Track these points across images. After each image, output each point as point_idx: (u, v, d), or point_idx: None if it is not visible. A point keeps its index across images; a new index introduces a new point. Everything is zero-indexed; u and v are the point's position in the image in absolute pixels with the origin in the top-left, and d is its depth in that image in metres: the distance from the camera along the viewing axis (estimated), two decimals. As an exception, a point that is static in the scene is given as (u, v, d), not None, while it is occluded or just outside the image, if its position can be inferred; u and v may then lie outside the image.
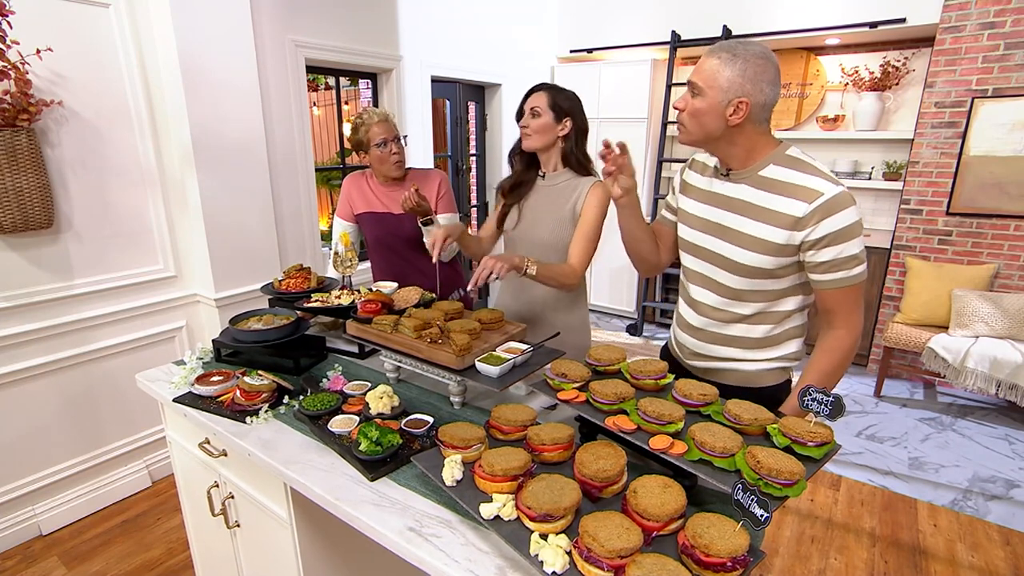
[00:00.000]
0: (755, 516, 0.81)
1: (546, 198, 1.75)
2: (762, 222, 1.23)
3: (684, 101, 1.25)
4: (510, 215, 1.83)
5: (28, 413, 2.23)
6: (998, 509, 2.54)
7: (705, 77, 1.19)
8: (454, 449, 1.07)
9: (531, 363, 1.35)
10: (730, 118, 1.19)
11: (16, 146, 1.96)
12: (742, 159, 1.26)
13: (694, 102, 1.22)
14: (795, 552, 2.27)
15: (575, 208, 1.69)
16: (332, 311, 1.68)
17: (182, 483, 1.73)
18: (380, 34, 3.39)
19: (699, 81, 1.20)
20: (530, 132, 1.69)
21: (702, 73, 1.20)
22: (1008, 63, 3.30)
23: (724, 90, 1.17)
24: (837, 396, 0.99)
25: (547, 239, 1.73)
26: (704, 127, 1.23)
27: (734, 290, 1.32)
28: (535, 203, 1.77)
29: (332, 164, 5.37)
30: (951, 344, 3.28)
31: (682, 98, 1.26)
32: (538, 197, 1.78)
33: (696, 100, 1.21)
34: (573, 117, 1.69)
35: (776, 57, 1.20)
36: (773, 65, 1.18)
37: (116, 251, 2.40)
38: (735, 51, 1.17)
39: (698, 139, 1.26)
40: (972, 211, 3.54)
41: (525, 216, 1.79)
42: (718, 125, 1.21)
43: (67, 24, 2.13)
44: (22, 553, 2.21)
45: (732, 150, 1.26)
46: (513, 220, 1.82)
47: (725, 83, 1.17)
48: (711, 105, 1.19)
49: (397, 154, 2.02)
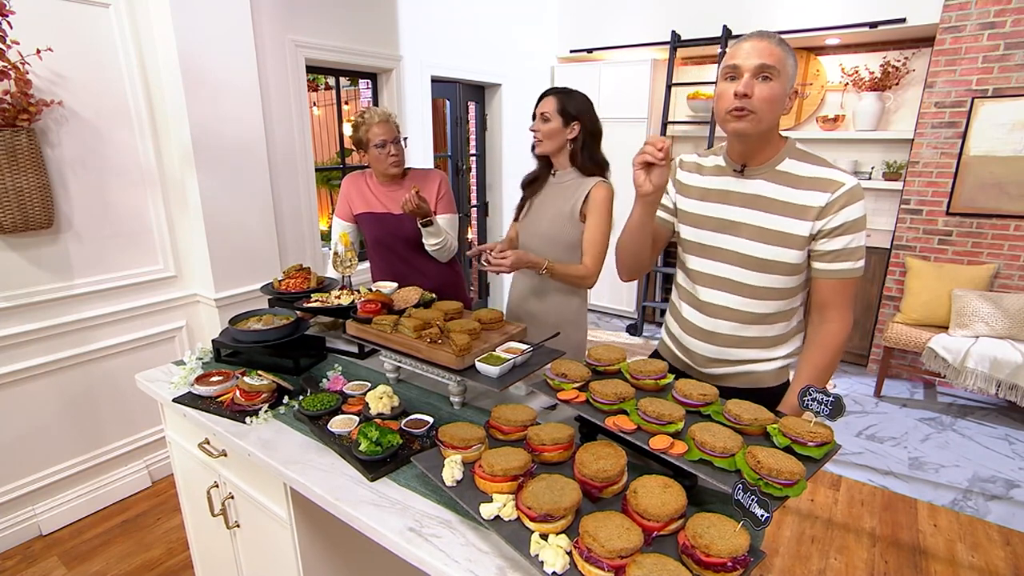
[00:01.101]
0: (755, 516, 0.81)
1: (552, 194, 1.86)
2: (785, 216, 1.23)
3: (749, 87, 1.14)
4: (525, 207, 1.95)
5: (28, 413, 2.23)
6: (998, 509, 2.54)
7: (778, 60, 1.13)
8: (454, 449, 1.07)
9: (531, 363, 1.35)
10: (786, 107, 1.18)
11: (16, 146, 1.96)
12: (763, 153, 1.26)
13: (768, 87, 1.13)
14: (795, 552, 2.27)
15: (575, 206, 1.78)
16: (332, 311, 1.68)
17: (182, 483, 1.73)
18: (380, 34, 3.39)
19: (775, 63, 1.12)
20: (540, 137, 1.79)
21: (774, 55, 1.13)
22: (1008, 63, 3.30)
23: (791, 77, 1.17)
24: (837, 396, 1.00)
25: (545, 231, 1.84)
26: (776, 113, 1.17)
27: (755, 288, 1.30)
28: (543, 198, 1.89)
29: (332, 164, 5.37)
30: (951, 344, 3.28)
31: (745, 84, 1.14)
32: (547, 193, 1.89)
33: (772, 84, 1.13)
34: (582, 121, 1.77)
35: None
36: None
37: (116, 251, 2.40)
38: (782, 41, 1.16)
39: (767, 127, 1.18)
40: (972, 211, 3.54)
41: (533, 209, 1.91)
42: (780, 114, 1.18)
43: (67, 24, 2.13)
44: (22, 553, 2.21)
45: (763, 143, 1.25)
46: (524, 212, 1.95)
47: (791, 71, 1.16)
48: (782, 91, 1.15)
49: (395, 156, 2.02)
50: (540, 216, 1.86)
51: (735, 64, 1.16)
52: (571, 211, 1.77)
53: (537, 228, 1.86)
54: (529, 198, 1.94)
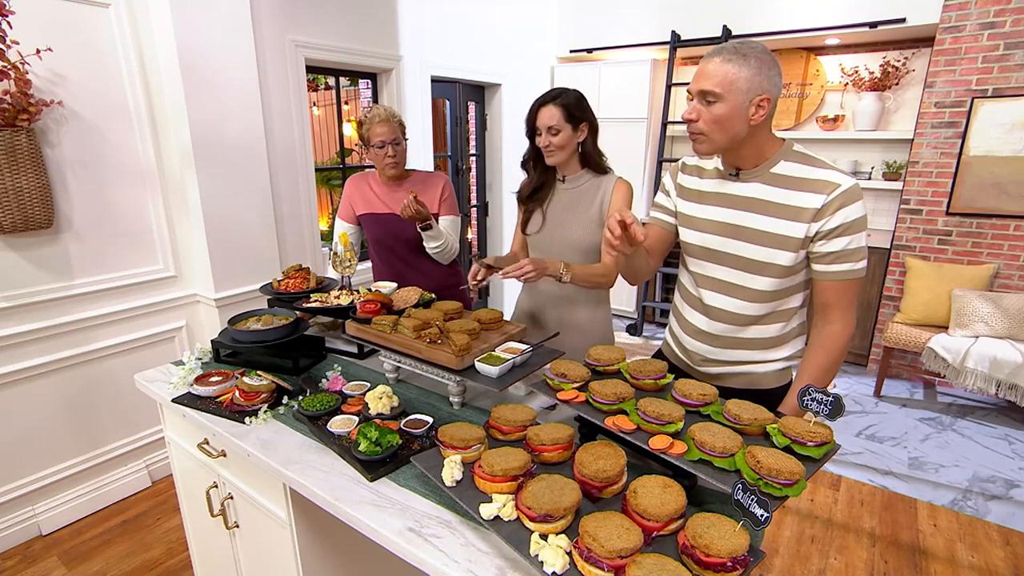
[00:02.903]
0: (755, 516, 0.81)
1: (571, 200, 1.77)
2: (781, 218, 1.23)
3: (696, 112, 1.20)
4: (533, 219, 1.84)
5: (28, 413, 2.23)
6: (998, 509, 2.53)
7: (719, 82, 1.15)
8: (454, 449, 1.07)
9: (530, 363, 1.35)
10: (753, 118, 1.17)
11: (16, 146, 1.96)
12: (753, 158, 1.26)
13: (712, 110, 1.17)
14: (795, 552, 2.27)
15: (602, 207, 1.71)
16: (331, 311, 1.68)
17: (181, 484, 1.73)
18: (380, 34, 3.39)
19: (715, 87, 1.15)
20: (553, 150, 1.69)
21: (714, 79, 1.15)
22: (1008, 63, 3.29)
23: (745, 91, 1.15)
24: (837, 396, 0.99)
25: (577, 241, 1.74)
26: (729, 132, 1.19)
27: (757, 292, 1.31)
28: (560, 206, 1.78)
29: (332, 164, 5.38)
30: (951, 344, 3.28)
31: (692, 109, 1.21)
32: (562, 200, 1.79)
33: (715, 107, 1.17)
34: (587, 119, 1.70)
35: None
36: (775, 59, 1.18)
37: (116, 251, 2.40)
38: (741, 51, 1.15)
39: (722, 146, 1.22)
40: (972, 211, 3.54)
41: (551, 219, 1.80)
42: (742, 128, 1.18)
43: (67, 24, 2.13)
44: (22, 553, 2.21)
45: (747, 151, 1.25)
46: (537, 224, 1.83)
47: (744, 84, 1.14)
48: (734, 108, 1.16)
49: (392, 157, 2.02)
50: (566, 225, 1.75)
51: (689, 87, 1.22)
52: (599, 213, 1.72)
53: (566, 237, 1.75)
54: (536, 209, 1.83)
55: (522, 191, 1.85)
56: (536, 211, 1.83)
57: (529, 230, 1.85)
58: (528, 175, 1.84)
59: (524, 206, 1.86)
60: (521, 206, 1.87)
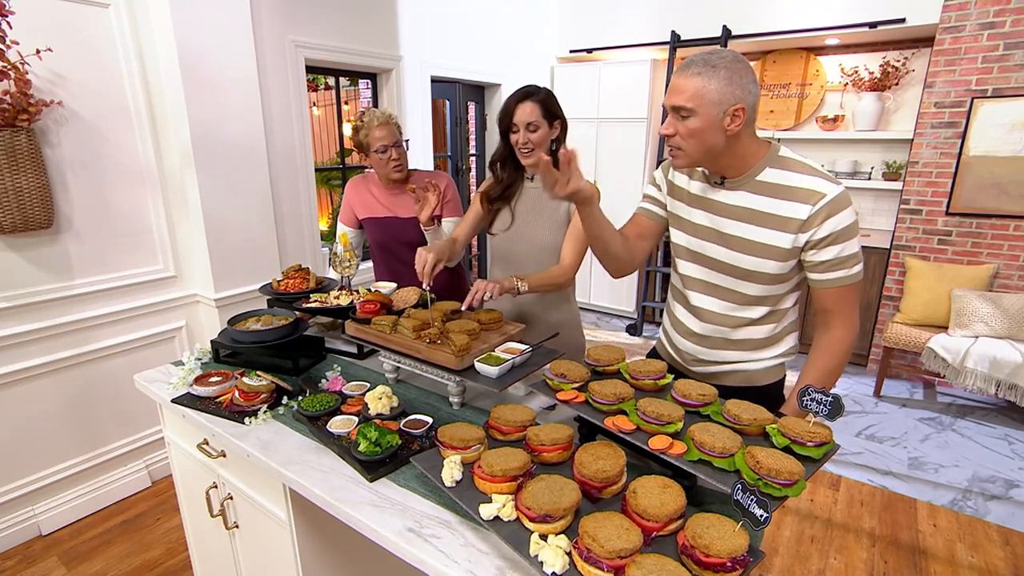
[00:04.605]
0: (755, 516, 0.81)
1: (539, 200, 1.77)
2: (767, 227, 1.23)
3: (672, 127, 1.20)
4: (501, 217, 1.83)
5: (28, 413, 2.23)
6: (998, 509, 2.54)
7: (690, 96, 1.14)
8: (453, 450, 1.07)
9: (530, 363, 1.35)
10: (729, 128, 1.16)
11: (16, 146, 1.96)
12: (738, 167, 1.25)
13: (687, 124, 1.17)
14: (795, 552, 2.27)
15: (569, 208, 1.73)
16: (331, 311, 1.68)
17: (181, 484, 1.73)
18: (380, 34, 3.39)
19: (686, 103, 1.15)
20: (531, 147, 1.66)
21: (685, 93, 1.15)
22: (1008, 63, 3.29)
23: (717, 103, 1.13)
24: (836, 396, 0.99)
25: (545, 240, 1.76)
26: (705, 144, 1.18)
27: (744, 295, 1.31)
28: (528, 205, 1.79)
29: (332, 164, 5.38)
30: (951, 344, 3.28)
31: (668, 124, 1.20)
32: (530, 199, 1.79)
33: (689, 122, 1.16)
34: (561, 117, 1.69)
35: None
36: (748, 65, 1.17)
37: (116, 251, 2.40)
38: (710, 61, 1.14)
39: (700, 159, 1.22)
40: (972, 211, 3.54)
41: (519, 217, 1.80)
42: (719, 139, 1.18)
43: (67, 24, 2.13)
44: (22, 553, 2.21)
45: (729, 160, 1.24)
46: (506, 222, 1.82)
47: (716, 95, 1.13)
48: (708, 121, 1.15)
49: (397, 160, 2.00)
50: (535, 225, 1.76)
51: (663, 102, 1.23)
52: (566, 213, 1.73)
53: (534, 239, 1.76)
54: (504, 207, 1.82)
55: (490, 193, 1.82)
56: (503, 209, 1.83)
57: (496, 229, 1.84)
58: (495, 176, 1.83)
59: (490, 205, 1.84)
60: (485, 204, 1.84)
